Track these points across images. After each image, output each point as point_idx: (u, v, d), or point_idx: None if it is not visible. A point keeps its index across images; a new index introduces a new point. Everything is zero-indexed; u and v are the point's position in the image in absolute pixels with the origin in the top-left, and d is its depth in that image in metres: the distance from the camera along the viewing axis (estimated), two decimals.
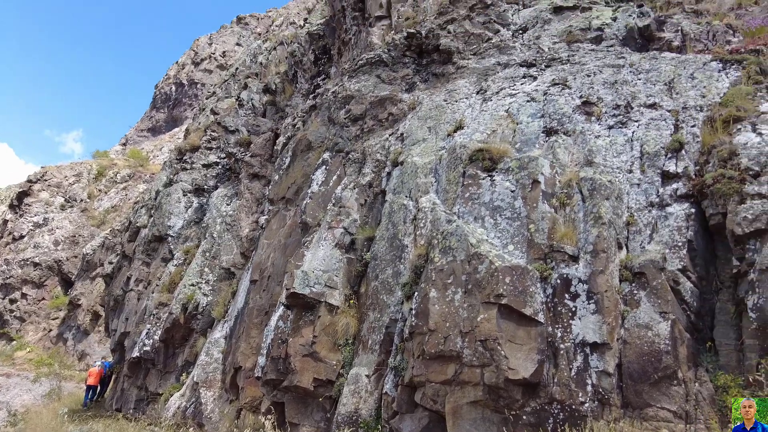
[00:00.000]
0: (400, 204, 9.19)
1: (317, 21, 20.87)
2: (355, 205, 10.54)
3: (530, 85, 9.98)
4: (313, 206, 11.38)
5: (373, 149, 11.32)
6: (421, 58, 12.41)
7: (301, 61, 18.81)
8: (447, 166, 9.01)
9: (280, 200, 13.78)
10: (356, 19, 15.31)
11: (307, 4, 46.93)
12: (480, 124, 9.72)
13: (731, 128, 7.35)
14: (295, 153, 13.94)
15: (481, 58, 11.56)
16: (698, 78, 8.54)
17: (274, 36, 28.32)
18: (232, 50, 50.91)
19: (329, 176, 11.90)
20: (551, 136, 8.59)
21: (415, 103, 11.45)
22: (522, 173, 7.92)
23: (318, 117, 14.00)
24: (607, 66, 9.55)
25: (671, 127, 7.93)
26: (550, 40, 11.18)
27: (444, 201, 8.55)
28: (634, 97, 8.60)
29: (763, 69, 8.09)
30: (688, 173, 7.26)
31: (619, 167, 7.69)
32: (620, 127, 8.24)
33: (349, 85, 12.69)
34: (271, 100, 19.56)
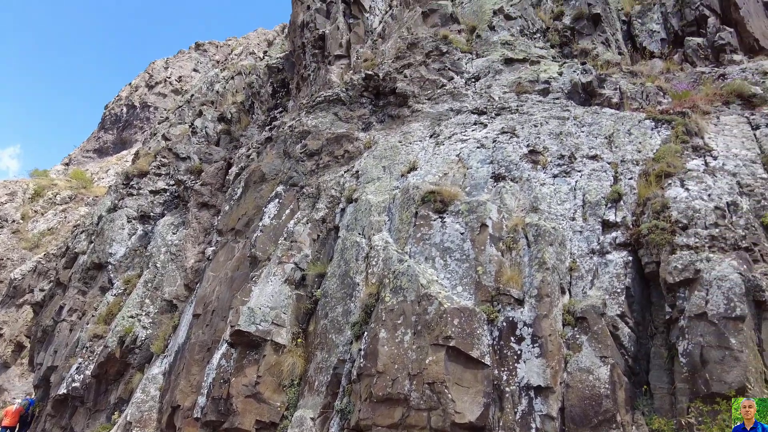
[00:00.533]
0: (353, 241, 9.21)
1: (277, 55, 21.05)
2: (307, 240, 10.46)
3: (481, 132, 10.40)
4: (264, 240, 11.20)
5: (328, 185, 11.35)
6: (378, 99, 12.71)
7: (258, 93, 18.82)
8: (400, 205, 9.16)
9: (230, 231, 13.49)
10: (316, 57, 15.56)
11: (267, 36, 47.34)
12: (432, 167, 9.99)
13: (663, 182, 7.90)
14: (248, 184, 13.77)
15: (435, 103, 11.98)
16: (635, 134, 9.19)
17: (233, 65, 28.27)
18: (188, 75, 50.29)
19: (282, 210, 11.79)
20: (499, 181, 8.93)
21: (371, 143, 11.65)
22: (471, 216, 8.15)
23: (273, 149, 13.94)
24: (553, 117, 10.13)
25: (611, 178, 8.44)
26: (500, 89, 11.75)
27: (396, 240, 8.64)
28: (577, 149, 9.12)
29: (688, 130, 8.81)
30: (626, 223, 7.70)
31: (562, 214, 8.06)
32: (564, 176, 8.69)
33: (306, 120, 12.78)
34: (226, 129, 19.36)
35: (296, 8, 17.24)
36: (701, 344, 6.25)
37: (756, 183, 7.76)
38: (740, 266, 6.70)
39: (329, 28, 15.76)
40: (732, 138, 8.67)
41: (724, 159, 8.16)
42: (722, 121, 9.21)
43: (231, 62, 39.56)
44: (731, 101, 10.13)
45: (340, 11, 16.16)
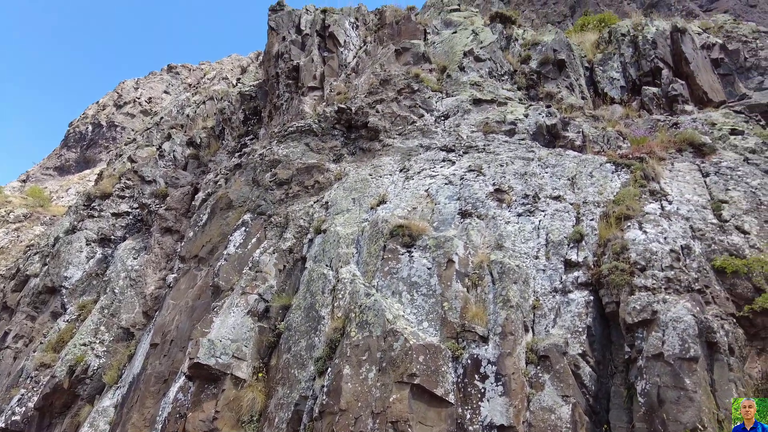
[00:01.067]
0: (320, 273, 9.14)
1: (250, 82, 21.12)
2: (273, 270, 10.32)
3: (449, 168, 10.62)
4: (228, 269, 10.99)
5: (296, 214, 11.30)
6: (349, 132, 12.86)
7: (230, 119, 18.76)
8: (369, 238, 9.18)
9: (193, 258, 13.19)
10: (289, 87, 15.69)
11: (241, 62, 47.51)
12: (402, 201, 10.10)
13: (623, 224, 8.21)
14: (214, 210, 13.57)
15: (405, 138, 12.21)
16: (596, 177, 9.57)
17: (205, 90, 28.20)
18: (158, 97, 49.74)
19: (248, 238, 11.64)
20: (466, 218, 9.10)
21: (342, 174, 11.72)
22: (438, 252, 8.24)
23: (242, 176, 13.84)
24: (519, 158, 10.45)
25: (573, 218, 8.71)
26: (468, 128, 12.09)
27: (364, 273, 8.63)
28: (541, 189, 9.41)
29: (646, 175, 9.24)
30: (588, 263, 7.93)
31: (526, 253, 8.25)
32: (528, 215, 8.92)
33: (277, 149, 12.78)
34: (195, 153, 19.14)
35: (272, 39, 17.45)
36: (658, 384, 6.41)
37: (707, 228, 8.15)
38: (693, 308, 6.97)
39: (304, 60, 15.97)
40: (685, 184, 9.13)
41: (678, 204, 8.57)
42: (676, 168, 9.70)
43: (203, 86, 39.38)
44: (684, 149, 10.70)
45: (315, 44, 16.44)
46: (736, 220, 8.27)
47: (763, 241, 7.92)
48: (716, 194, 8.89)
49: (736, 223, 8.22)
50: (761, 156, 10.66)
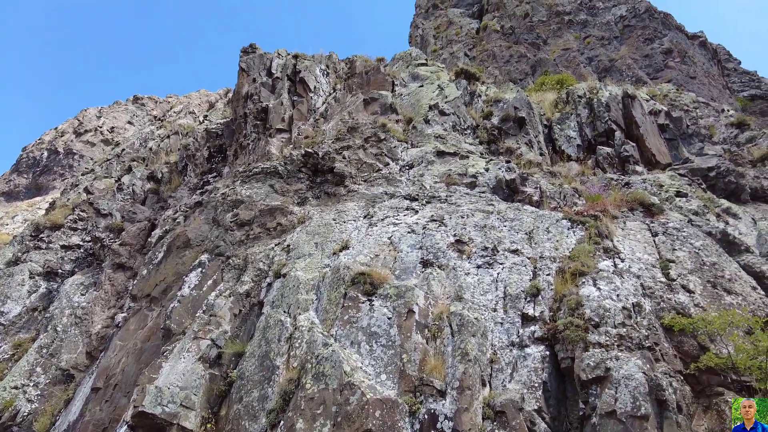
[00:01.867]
0: (277, 319, 8.93)
1: (217, 119, 21.08)
2: (228, 314, 10.02)
3: (412, 217, 10.77)
4: (181, 311, 10.60)
5: (256, 257, 11.11)
6: (315, 175, 12.93)
7: (194, 155, 18.55)
8: (330, 284, 9.09)
9: (145, 297, 12.68)
10: (257, 128, 15.75)
11: (209, 97, 47.48)
12: (365, 247, 10.11)
13: (578, 280, 8.46)
14: (171, 249, 13.19)
15: (370, 185, 12.36)
16: (552, 232, 9.90)
17: (170, 123, 27.89)
18: (122, 127, 48.81)
19: (204, 280, 11.31)
20: (427, 267, 9.17)
21: (305, 218, 11.69)
22: (399, 301, 8.23)
23: (202, 215, 13.59)
24: (479, 210, 10.72)
25: (530, 272, 8.92)
26: (432, 179, 12.38)
27: (323, 321, 8.48)
28: (500, 242, 9.64)
29: (600, 232, 9.63)
30: (544, 317, 8.07)
31: (485, 305, 8.34)
32: (487, 267, 9.08)
33: (241, 189, 12.68)
34: (155, 188, 18.73)
35: (242, 79, 17.60)
36: None
37: (656, 286, 8.49)
38: (644, 365, 7.16)
39: (273, 103, 16.13)
40: (636, 243, 9.55)
41: (630, 262, 8.92)
42: (628, 226, 10.16)
43: (169, 120, 38.96)
44: (635, 208, 11.27)
45: (285, 88, 16.67)
46: (682, 279, 8.66)
47: (706, 300, 8.30)
48: (664, 254, 9.33)
49: (682, 282, 8.60)
50: (703, 218, 11.33)
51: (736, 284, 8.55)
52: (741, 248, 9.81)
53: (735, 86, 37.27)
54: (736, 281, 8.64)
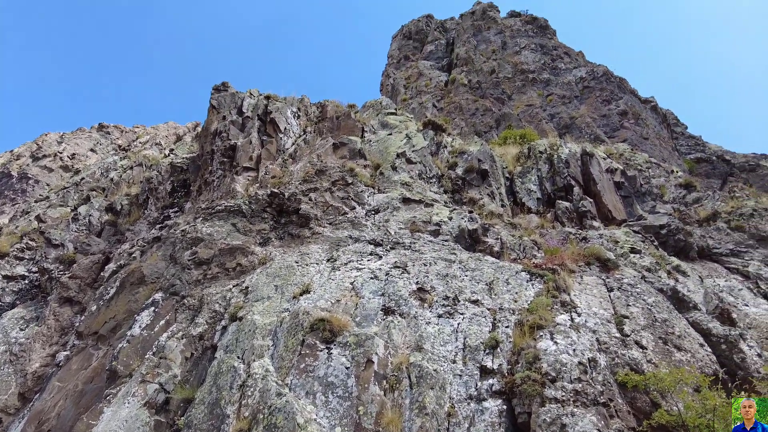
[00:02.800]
0: (230, 365, 8.60)
1: (183, 154, 20.84)
2: (179, 357, 9.60)
3: (375, 263, 10.76)
4: (129, 352, 10.10)
5: (212, 298, 10.79)
6: (280, 216, 12.84)
7: (156, 189, 18.16)
8: (288, 330, 8.87)
9: (92, 335, 12.04)
10: (223, 165, 15.64)
11: (177, 130, 47.01)
12: (326, 292, 9.98)
13: (536, 334, 8.55)
14: (124, 284, 12.68)
15: (336, 228, 12.35)
16: (512, 284, 10.05)
17: (134, 154, 27.34)
18: (84, 155, 47.49)
19: (156, 319, 10.87)
20: (388, 315, 9.10)
21: (267, 259, 11.50)
22: (358, 350, 8.09)
23: (160, 251, 13.19)
24: (442, 259, 10.82)
25: (490, 324, 8.97)
26: (397, 225, 12.49)
27: (278, 368, 8.22)
28: (461, 292, 9.70)
29: (558, 286, 9.84)
30: (502, 371, 8.07)
31: (444, 356, 8.29)
32: (448, 317, 9.09)
33: (202, 227, 12.43)
34: (113, 220, 18.13)
35: (212, 116, 17.58)
36: None
37: (611, 341, 8.67)
38: (599, 422, 7.19)
39: (242, 141, 16.12)
40: (592, 297, 9.79)
41: (586, 316, 9.11)
42: (585, 281, 10.43)
43: (134, 150, 38.23)
44: (592, 263, 11.60)
45: (255, 127, 16.73)
46: (636, 335, 8.88)
47: (658, 357, 8.51)
48: (619, 309, 9.58)
49: (636, 338, 8.82)
50: (655, 275, 11.75)
51: (686, 341, 8.82)
52: (689, 305, 10.18)
53: (683, 149, 39.70)
54: (686, 338, 8.92)
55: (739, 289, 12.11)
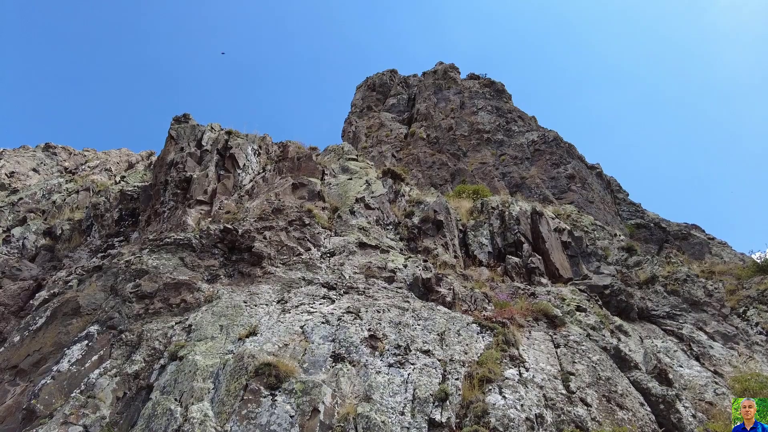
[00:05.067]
0: (166, 408, 8.06)
1: (135, 182, 20.17)
2: (110, 397, 8.91)
3: (328, 307, 10.58)
4: (53, 389, 9.29)
5: (153, 334, 10.20)
6: (231, 253, 12.50)
7: (102, 215, 17.36)
8: (231, 373, 8.47)
9: (10, 369, 11.03)
10: (176, 196, 15.22)
11: (130, 158, 45.56)
12: (274, 335, 9.67)
13: (485, 387, 8.55)
14: (56, 314, 11.81)
15: (289, 269, 12.12)
16: (463, 335, 10.09)
17: (82, 179, 26.18)
18: (24, 174, 44.88)
19: (89, 354, 10.12)
20: (338, 362, 8.88)
21: (214, 297, 11.08)
22: (304, 398, 7.79)
23: (100, 281, 12.47)
24: (395, 306, 10.78)
25: (440, 375, 8.90)
26: (352, 269, 12.41)
27: (218, 414, 7.77)
28: (413, 341, 9.64)
29: (507, 340, 9.97)
30: (451, 424, 7.96)
31: (393, 407, 8.11)
32: (399, 367, 8.96)
33: (147, 259, 11.90)
34: (50, 245, 17.08)
35: (169, 146, 17.23)
36: None
37: (557, 398, 8.77)
38: None
39: (198, 174, 15.82)
40: (540, 353, 9.96)
41: (534, 372, 9.22)
42: (533, 336, 10.62)
43: (81, 174, 36.58)
44: (540, 318, 11.87)
45: (213, 161, 16.50)
46: (581, 392, 9.04)
47: (602, 414, 8.66)
48: (565, 366, 9.76)
49: (581, 395, 8.97)
50: (599, 333, 12.13)
51: (627, 400, 9.05)
52: (631, 364, 10.52)
53: (624, 214, 42.05)
54: (627, 396, 9.16)
55: (674, 350, 12.66)
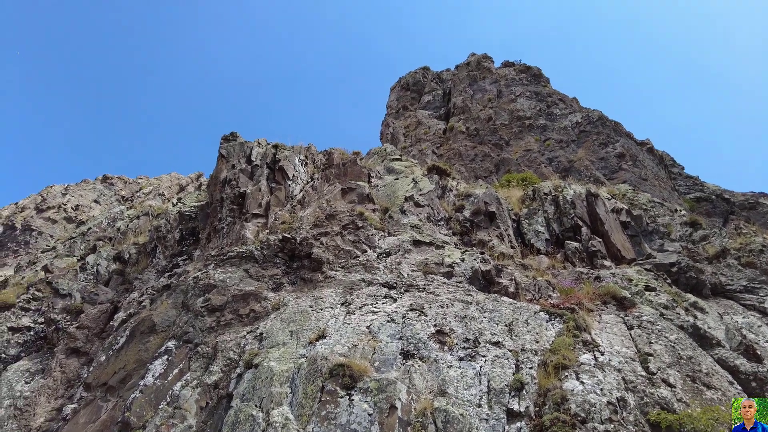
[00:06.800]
0: (248, 414, 8.36)
1: (191, 203, 21.02)
2: (194, 407, 9.34)
3: (391, 305, 10.66)
4: (143, 403, 9.82)
5: (226, 345, 10.61)
6: (292, 261, 12.82)
7: (165, 237, 18.20)
8: (306, 377, 8.68)
9: (100, 387, 11.76)
10: (233, 212, 15.76)
11: (180, 181, 47.58)
12: (342, 336, 9.84)
13: (561, 374, 8.37)
14: (134, 334, 12.49)
15: (348, 272, 12.31)
16: (532, 324, 9.93)
17: (140, 204, 27.58)
18: (87, 206, 47.76)
19: (170, 368, 10.64)
20: (408, 359, 8.93)
21: (280, 304, 11.40)
22: (380, 396, 7.89)
23: (170, 299, 13.08)
24: (458, 300, 10.74)
25: (513, 366, 8.80)
26: (409, 267, 12.45)
27: (299, 417, 7.99)
28: (481, 333, 9.57)
29: (578, 325, 9.72)
30: (530, 413, 7.85)
31: (469, 400, 8.08)
32: (470, 360, 8.92)
33: (214, 273, 12.38)
34: (120, 269, 18.06)
35: (221, 165, 17.86)
36: None
37: (637, 380, 8.47)
38: None
39: (251, 188, 16.32)
40: (613, 336, 9.66)
41: (609, 355, 8.95)
42: (604, 320, 10.32)
43: (138, 201, 38.51)
44: (608, 301, 11.51)
45: (264, 175, 16.98)
46: (662, 374, 8.69)
47: (688, 395, 8.29)
48: (641, 347, 9.42)
49: (663, 376, 8.62)
50: (673, 312, 11.63)
51: (714, 379, 8.64)
52: (713, 342, 10.04)
53: (681, 189, 40.10)
54: (714, 375, 8.74)
55: (758, 325, 11.96)
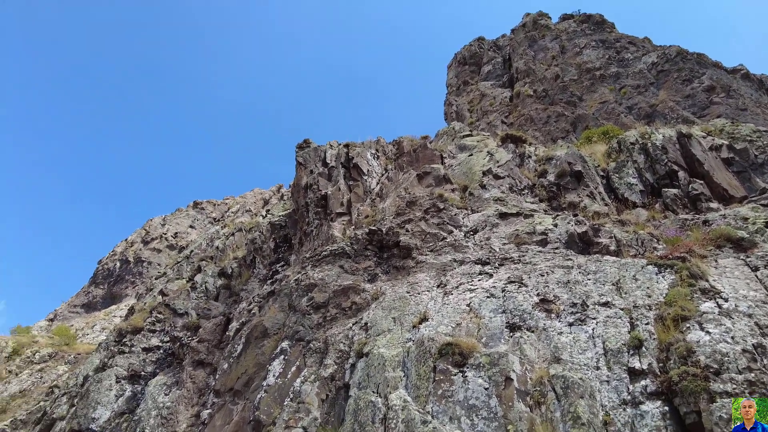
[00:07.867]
0: (368, 401, 8.71)
1: (279, 213, 22.08)
2: (315, 400, 9.88)
3: (488, 281, 10.59)
4: (269, 401, 10.55)
5: (336, 338, 11.09)
6: (382, 252, 13.12)
7: (261, 248, 19.29)
8: (416, 359, 8.89)
9: (228, 392, 12.76)
10: (318, 214, 16.36)
11: (264, 195, 50.09)
12: (444, 317, 9.94)
13: (681, 326, 7.90)
14: (249, 340, 13.40)
15: (438, 254, 12.38)
16: (641, 279, 9.43)
17: (232, 223, 29.43)
18: (185, 232, 51.72)
19: (288, 367, 11.32)
20: (515, 331, 8.85)
21: (378, 294, 11.72)
22: (494, 370, 7.90)
23: (276, 303, 13.87)
24: (558, 266, 10.43)
25: (627, 324, 8.43)
26: (499, 241, 12.28)
27: (416, 398, 8.21)
28: (588, 296, 9.25)
29: (692, 273, 9.08)
30: (654, 370, 7.49)
31: (586, 364, 7.87)
32: (580, 324, 8.66)
33: (312, 273, 12.96)
34: (226, 284, 19.40)
35: (300, 172, 18.59)
36: None
37: None
38: None
39: (331, 189, 16.85)
40: (736, 280, 8.92)
41: (734, 301, 8.29)
42: (722, 264, 9.56)
43: (228, 219, 41.12)
44: (723, 245, 10.63)
45: (340, 174, 17.45)
46: None
47: None
48: None
49: None
50: None
51: None
52: None
53: None
54: None
55: None
